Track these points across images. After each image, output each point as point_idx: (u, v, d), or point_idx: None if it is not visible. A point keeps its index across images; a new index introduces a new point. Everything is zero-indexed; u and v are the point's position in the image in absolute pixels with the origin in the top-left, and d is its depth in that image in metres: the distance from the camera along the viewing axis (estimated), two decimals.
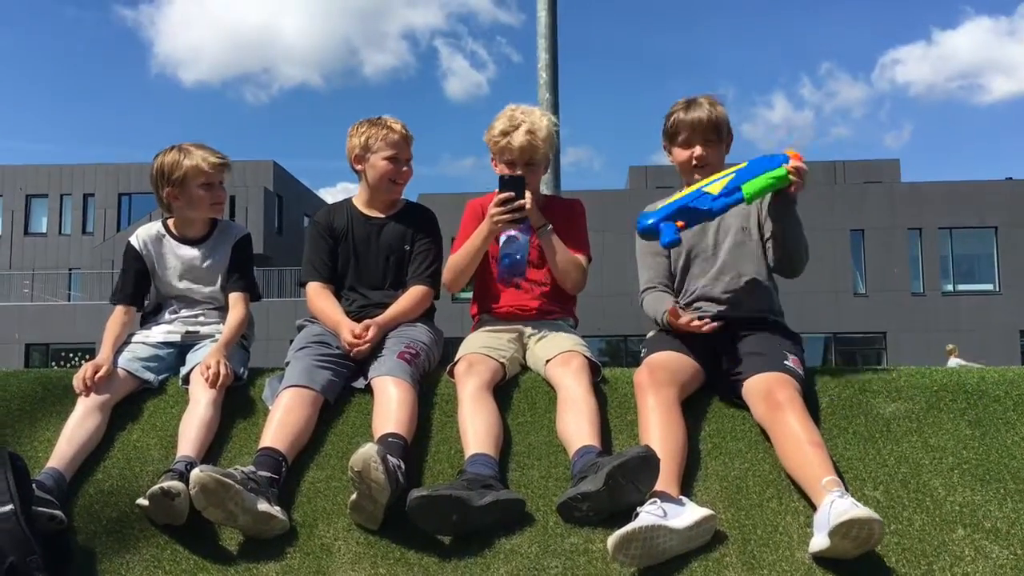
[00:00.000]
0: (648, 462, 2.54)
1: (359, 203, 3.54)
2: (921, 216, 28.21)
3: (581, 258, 3.36)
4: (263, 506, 2.61)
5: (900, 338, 27.61)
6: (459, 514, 2.56)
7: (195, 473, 2.56)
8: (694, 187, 3.02)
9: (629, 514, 2.51)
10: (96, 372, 3.09)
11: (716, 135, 3.24)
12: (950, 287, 28.71)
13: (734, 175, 2.96)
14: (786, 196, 3.01)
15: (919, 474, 2.80)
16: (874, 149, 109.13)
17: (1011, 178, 30.09)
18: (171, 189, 3.38)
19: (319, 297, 3.41)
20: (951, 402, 3.05)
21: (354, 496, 2.62)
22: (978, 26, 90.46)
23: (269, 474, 2.72)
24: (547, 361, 3.13)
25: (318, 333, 3.29)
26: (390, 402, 2.94)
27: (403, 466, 2.70)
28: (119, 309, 3.43)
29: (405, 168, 3.46)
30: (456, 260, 3.38)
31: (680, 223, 2.94)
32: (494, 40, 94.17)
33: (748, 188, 2.92)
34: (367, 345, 3.18)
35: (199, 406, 3.00)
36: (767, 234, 3.21)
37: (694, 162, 3.25)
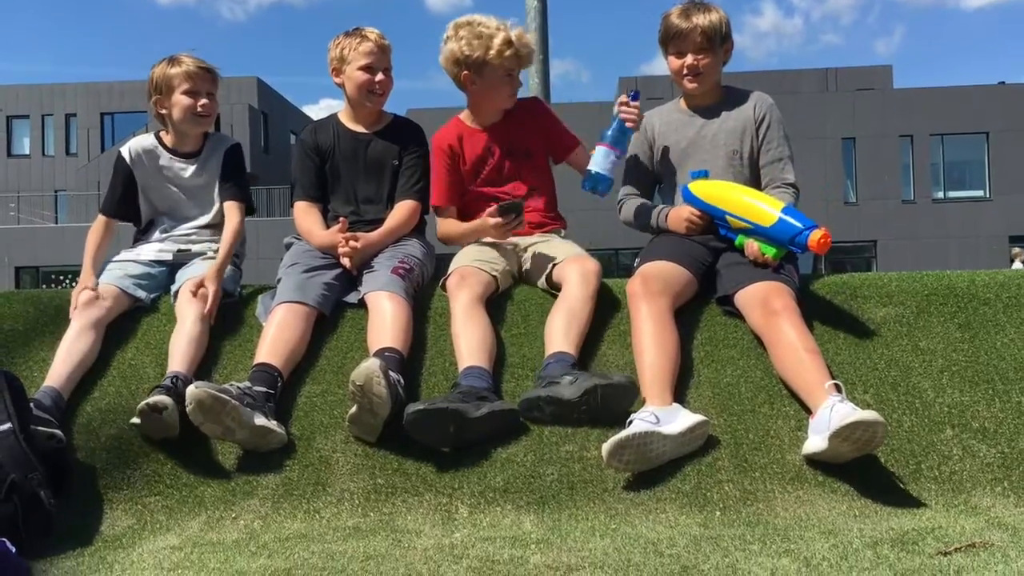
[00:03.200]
0: (629, 392, 2.56)
1: (344, 118, 3.47)
2: (913, 123, 27.99)
3: (578, 146, 3.47)
4: (260, 420, 2.64)
5: (890, 246, 27.71)
6: (456, 426, 2.59)
7: (190, 390, 2.57)
8: (729, 200, 2.98)
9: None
10: (86, 295, 3.08)
11: (709, 44, 3.16)
12: (941, 194, 28.70)
13: (753, 227, 2.90)
14: None
15: (909, 376, 2.83)
16: (865, 56, 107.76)
17: (1004, 82, 29.81)
18: (159, 98, 3.34)
19: (305, 217, 3.38)
20: (941, 305, 3.07)
21: (354, 409, 2.65)
22: None
23: (265, 389, 2.74)
24: (554, 264, 3.12)
25: (308, 249, 3.28)
26: (385, 316, 2.94)
27: (402, 380, 2.72)
28: (100, 220, 3.42)
29: (382, 77, 3.36)
30: (449, 234, 3.40)
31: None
32: None
33: (739, 241, 2.97)
34: (355, 252, 3.17)
35: (187, 322, 3.00)
36: (762, 162, 3.20)
37: (685, 71, 3.19)
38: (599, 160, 3.17)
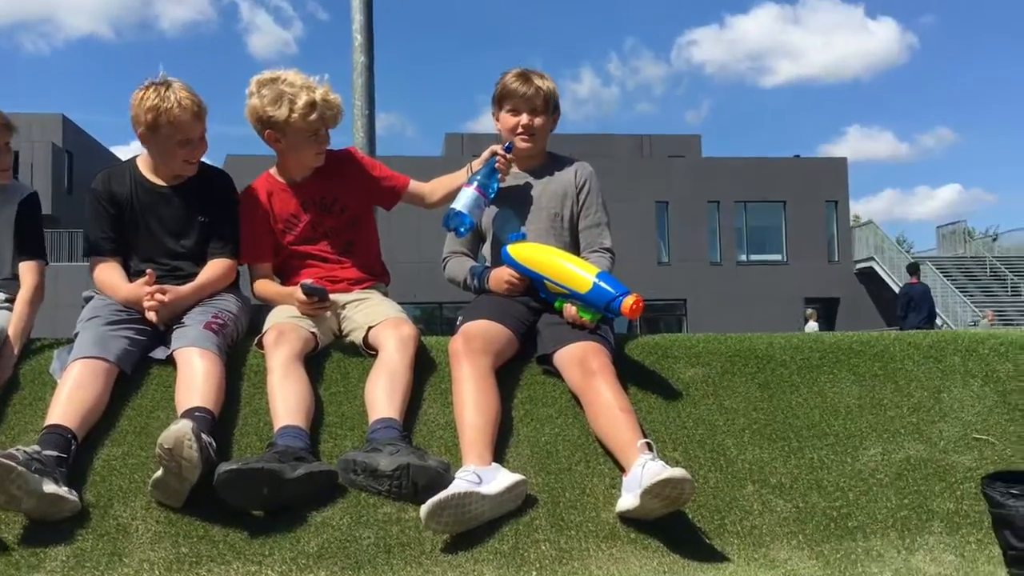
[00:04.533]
0: (441, 479, 2.51)
1: (144, 167, 3.22)
2: (719, 189, 29.91)
3: (410, 183, 3.48)
4: (50, 487, 2.42)
5: (700, 305, 29.28)
6: (270, 487, 2.48)
7: None
8: (545, 265, 3.04)
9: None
10: None
11: (544, 107, 3.29)
12: (744, 257, 30.69)
13: (569, 292, 2.97)
14: None
15: (714, 434, 2.97)
16: (676, 125, 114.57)
17: (798, 156, 32.43)
18: None
19: (105, 271, 3.14)
20: (743, 366, 3.26)
21: (159, 473, 2.49)
22: (766, 12, 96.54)
23: (56, 453, 2.52)
24: (370, 327, 3.07)
25: (110, 302, 3.07)
26: (196, 374, 2.80)
27: (214, 443, 2.58)
28: None
29: (196, 148, 3.13)
30: (262, 294, 3.31)
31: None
32: None
33: (557, 304, 3.05)
34: (163, 305, 2.97)
35: None
36: (581, 227, 3.33)
37: (520, 130, 3.28)
38: (464, 200, 3.18)
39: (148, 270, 3.05)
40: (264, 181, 3.36)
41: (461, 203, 3.19)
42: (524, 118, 3.28)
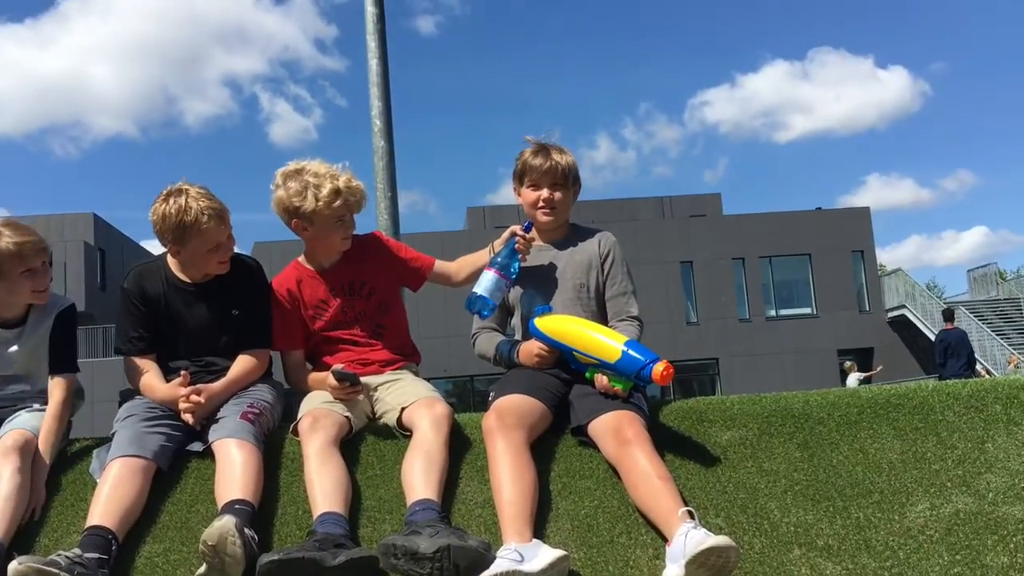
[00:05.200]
0: (482, 559, 2.49)
1: (174, 266, 3.27)
2: (743, 246, 29.89)
3: (435, 263, 3.54)
4: None
5: (732, 363, 29.03)
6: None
7: (13, 566, 2.36)
8: (574, 337, 3.06)
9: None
10: None
11: (564, 181, 3.33)
12: (773, 312, 30.49)
13: (599, 363, 2.99)
14: None
15: (756, 498, 2.92)
16: (695, 185, 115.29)
17: (820, 208, 32.42)
18: None
19: (139, 371, 3.19)
20: (780, 427, 3.22)
21: (202, 569, 2.49)
22: (775, 69, 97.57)
23: (98, 555, 2.53)
24: (403, 408, 3.08)
25: (145, 399, 3.12)
26: (234, 465, 2.82)
27: (256, 537, 2.59)
28: None
29: (228, 248, 3.21)
30: (296, 381, 3.37)
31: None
32: (318, 85, 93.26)
33: (589, 374, 3.05)
34: (199, 409, 3.02)
35: (1, 481, 2.77)
36: (607, 296, 3.34)
37: (540, 204, 3.33)
38: (485, 284, 3.23)
39: (183, 371, 3.09)
40: (293, 269, 3.42)
41: (482, 287, 3.23)
42: (544, 192, 3.33)
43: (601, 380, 3.00)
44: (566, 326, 3.11)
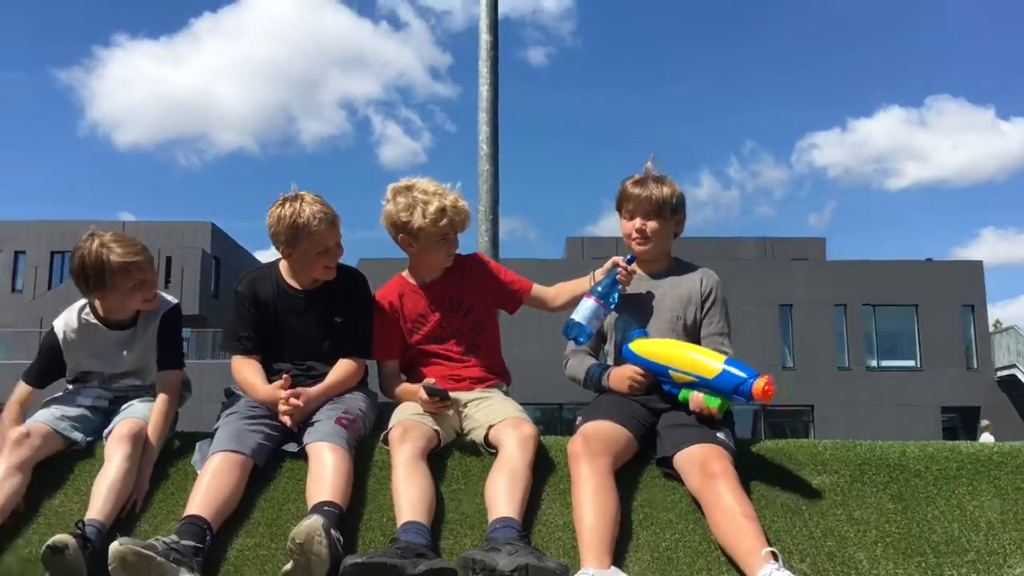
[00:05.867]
0: None
1: (286, 272, 3.40)
2: (846, 293, 29.08)
3: (533, 287, 3.58)
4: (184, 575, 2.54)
5: (827, 411, 28.18)
6: None
7: (114, 546, 2.48)
8: (669, 356, 3.08)
9: None
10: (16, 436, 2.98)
11: (659, 211, 3.32)
12: (874, 362, 29.51)
13: (697, 379, 3.00)
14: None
15: (844, 547, 2.85)
16: (798, 227, 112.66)
17: (931, 259, 31.33)
18: (101, 292, 3.21)
19: (244, 370, 3.31)
20: (874, 476, 3.13)
21: (289, 566, 2.58)
22: (890, 115, 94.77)
23: (193, 543, 2.64)
24: (491, 426, 3.12)
25: (248, 398, 3.25)
26: (326, 468, 2.90)
27: (342, 539, 2.66)
28: (21, 388, 3.30)
29: (336, 254, 3.33)
30: (388, 390, 3.45)
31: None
32: (428, 109, 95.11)
33: (682, 395, 3.04)
34: (297, 412, 3.14)
35: (111, 465, 2.93)
36: (703, 333, 3.31)
37: (635, 234, 3.34)
38: (584, 311, 3.26)
39: (284, 375, 3.22)
40: (396, 283, 3.52)
41: (581, 314, 3.26)
42: (638, 222, 3.33)
43: (696, 399, 2.99)
44: (662, 347, 3.12)
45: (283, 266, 3.41)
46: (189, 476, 3.05)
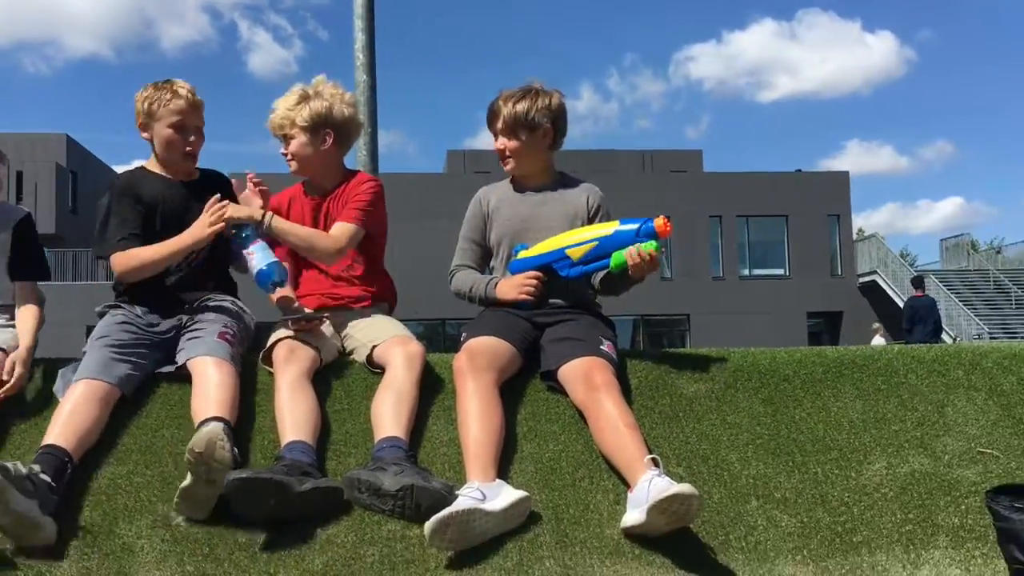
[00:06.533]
0: (446, 502, 2.50)
1: (156, 169, 3.24)
2: (721, 204, 29.94)
3: (339, 229, 3.22)
4: (32, 511, 2.41)
5: (702, 320, 29.27)
6: (277, 499, 2.49)
7: None
8: (558, 244, 3.10)
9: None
10: None
11: (512, 131, 3.25)
12: (747, 271, 30.68)
13: (597, 243, 3.03)
14: (627, 274, 3.08)
15: (718, 450, 2.97)
16: (676, 140, 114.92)
17: (800, 170, 32.50)
18: None
19: (136, 252, 3.07)
20: (746, 382, 3.25)
21: (188, 481, 2.50)
22: (763, 28, 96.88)
23: (49, 480, 2.50)
24: (375, 345, 3.08)
25: (121, 321, 3.07)
26: (210, 384, 2.81)
27: (237, 450, 2.59)
28: None
29: (194, 137, 3.19)
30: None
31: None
32: (299, 16, 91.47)
33: (615, 261, 3.04)
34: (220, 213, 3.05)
35: None
36: None
37: (498, 153, 3.31)
38: (260, 257, 3.08)
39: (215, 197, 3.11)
40: (294, 188, 3.42)
41: (261, 261, 3.08)
42: (499, 141, 3.31)
43: (631, 250, 2.98)
44: (549, 241, 3.15)
45: (150, 164, 3.26)
46: (52, 405, 2.90)
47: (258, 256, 3.08)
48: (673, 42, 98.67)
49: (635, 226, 3.00)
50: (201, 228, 3.07)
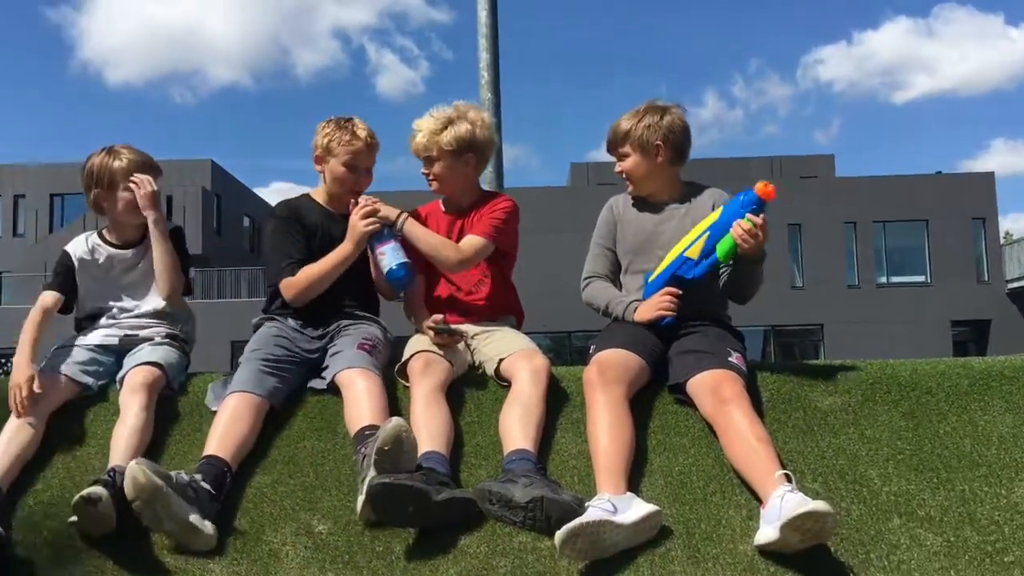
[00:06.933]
0: (575, 514, 2.52)
1: (321, 199, 3.45)
2: (856, 210, 28.87)
3: (468, 242, 3.30)
4: (193, 517, 2.56)
5: (836, 329, 28.24)
6: (416, 506, 2.56)
7: (131, 465, 2.52)
8: (677, 251, 3.10)
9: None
10: (29, 390, 2.96)
11: (626, 153, 3.28)
12: (884, 279, 29.45)
13: (709, 232, 3.02)
14: (741, 257, 3.03)
15: (856, 465, 2.87)
16: (806, 145, 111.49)
17: (940, 172, 31.00)
18: (100, 191, 3.32)
19: (306, 270, 3.24)
20: (885, 394, 3.14)
21: (374, 478, 2.56)
22: (897, 26, 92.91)
23: (210, 488, 2.66)
24: (501, 359, 3.13)
25: (275, 335, 3.24)
26: (360, 394, 2.92)
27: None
28: (45, 296, 3.31)
29: (364, 177, 3.39)
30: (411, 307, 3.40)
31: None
32: (425, 37, 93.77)
33: (721, 250, 3.01)
34: (372, 208, 3.21)
35: (129, 414, 2.94)
36: None
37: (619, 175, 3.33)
38: (392, 256, 3.20)
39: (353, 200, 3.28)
40: (431, 204, 3.53)
41: (393, 261, 3.19)
42: (616, 165, 3.33)
43: (737, 227, 2.94)
44: (668, 255, 3.16)
45: (316, 193, 3.47)
46: (205, 418, 3.08)
47: (389, 255, 3.21)
48: (801, 45, 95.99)
49: (739, 197, 2.99)
50: (354, 230, 3.21)
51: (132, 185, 3.26)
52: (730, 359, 2.98)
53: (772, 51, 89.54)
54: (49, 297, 3.32)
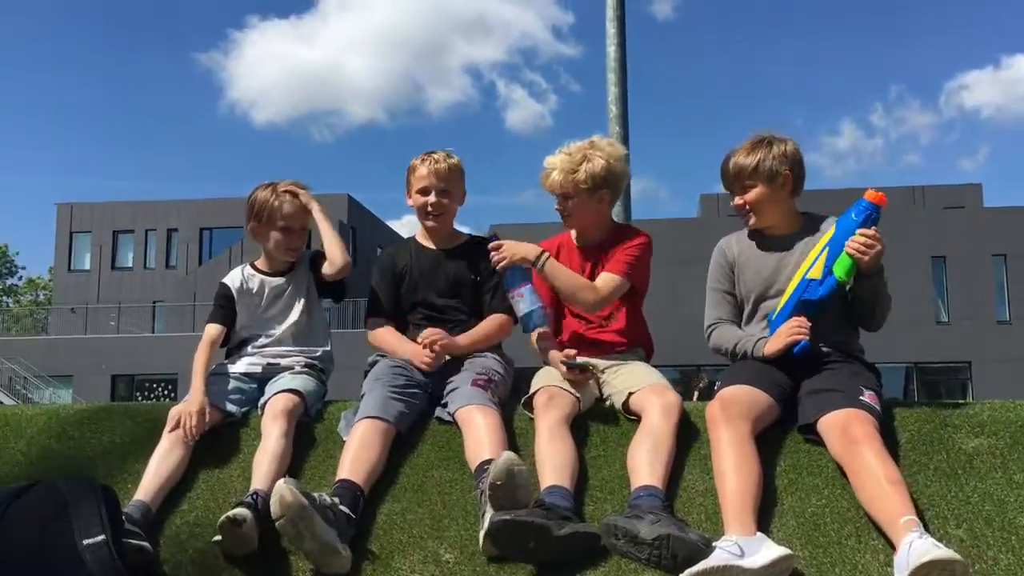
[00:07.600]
0: (702, 554, 2.49)
1: (421, 238, 3.64)
2: (1006, 242, 27.29)
3: (604, 281, 3.31)
4: (333, 539, 2.64)
5: (986, 367, 26.67)
6: (537, 541, 2.57)
7: (280, 483, 2.63)
8: (798, 277, 3.07)
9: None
10: (199, 419, 3.16)
11: (751, 184, 3.21)
12: None
13: (828, 248, 2.99)
14: (865, 269, 2.97)
15: (1004, 512, 2.71)
16: (950, 175, 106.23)
17: None
18: (257, 225, 3.55)
19: (384, 333, 3.52)
20: None
21: (493, 516, 2.62)
22: None
23: (348, 511, 2.75)
24: (631, 392, 3.12)
25: (392, 366, 3.34)
26: (479, 430, 2.98)
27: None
28: (211, 329, 3.53)
29: (435, 199, 3.48)
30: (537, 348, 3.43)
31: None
32: (553, 71, 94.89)
33: (839, 271, 2.97)
34: (437, 351, 3.29)
35: (270, 439, 3.07)
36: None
37: (736, 209, 3.29)
38: (529, 300, 3.25)
39: (424, 332, 3.35)
40: (562, 236, 3.57)
41: (529, 305, 3.26)
42: (736, 198, 3.27)
43: (853, 240, 2.94)
44: (791, 284, 3.10)
45: (419, 234, 3.64)
46: (339, 444, 3.17)
47: (527, 299, 3.27)
48: (944, 71, 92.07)
49: (851, 210, 2.99)
50: (415, 356, 3.33)
51: (291, 192, 3.52)
52: (862, 397, 2.88)
53: (913, 78, 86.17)
54: (214, 330, 3.54)
